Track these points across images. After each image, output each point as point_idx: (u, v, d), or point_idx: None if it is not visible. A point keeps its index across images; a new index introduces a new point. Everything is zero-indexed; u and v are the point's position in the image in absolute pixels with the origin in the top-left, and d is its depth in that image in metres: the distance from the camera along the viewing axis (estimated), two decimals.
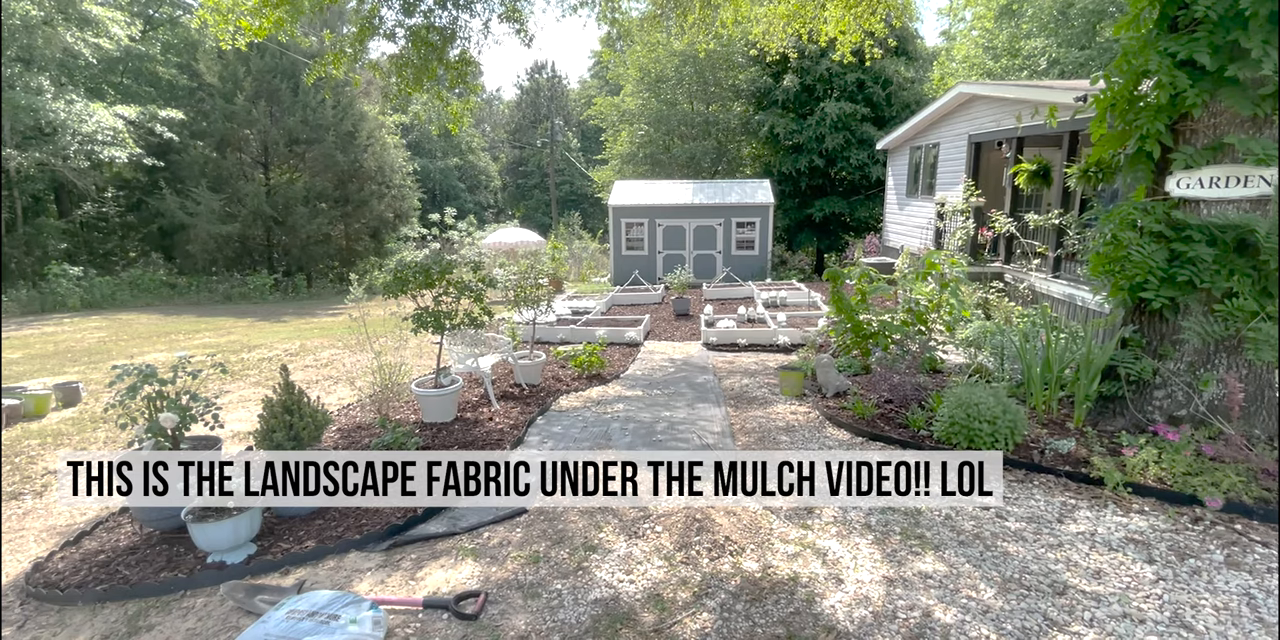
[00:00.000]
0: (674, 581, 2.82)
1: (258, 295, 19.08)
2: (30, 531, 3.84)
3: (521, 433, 4.99)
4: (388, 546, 3.23)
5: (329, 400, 6.42)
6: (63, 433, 5.80)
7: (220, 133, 20.17)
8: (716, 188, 18.11)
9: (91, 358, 9.27)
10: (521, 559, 3.05)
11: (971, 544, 3.10)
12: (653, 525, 3.33)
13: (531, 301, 6.74)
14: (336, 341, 9.85)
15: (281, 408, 3.55)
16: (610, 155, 27.13)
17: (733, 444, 4.61)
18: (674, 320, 11.08)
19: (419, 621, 2.59)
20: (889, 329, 6.30)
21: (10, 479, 4.70)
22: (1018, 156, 9.70)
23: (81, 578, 3.06)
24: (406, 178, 25.08)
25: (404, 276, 5.22)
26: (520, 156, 45.85)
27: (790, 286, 13.88)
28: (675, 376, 6.96)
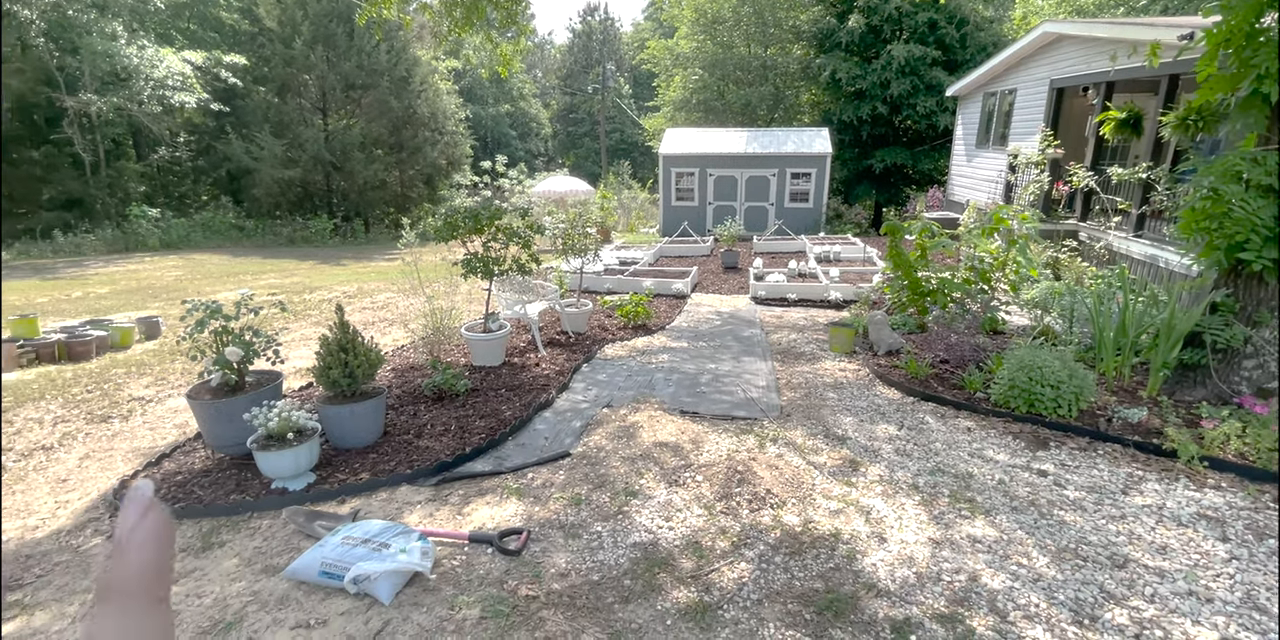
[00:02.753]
0: (713, 530, 2.84)
1: (319, 239, 19.72)
2: (118, 452, 4.17)
3: (567, 379, 5.05)
4: (436, 482, 3.36)
5: (384, 341, 6.64)
6: (145, 363, 6.21)
7: (280, 78, 20.41)
8: (771, 136, 17.33)
9: (170, 294, 9.83)
10: (564, 500, 3.13)
11: (1025, 511, 2.99)
12: (694, 475, 3.34)
13: (579, 250, 6.70)
14: (392, 285, 10.12)
15: (337, 346, 3.67)
16: (662, 102, 26.23)
17: (777, 398, 4.54)
18: (722, 273, 10.89)
19: (464, 554, 2.70)
20: (949, 287, 5.99)
21: (100, 403, 5.09)
22: (1105, 103, 8.83)
23: (161, 496, 3.31)
24: (459, 124, 24.98)
25: (454, 222, 5.23)
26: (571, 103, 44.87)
27: (845, 241, 13.36)
28: (721, 329, 6.87)
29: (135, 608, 0.29)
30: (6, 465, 4.04)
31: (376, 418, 3.85)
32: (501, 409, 4.34)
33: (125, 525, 0.30)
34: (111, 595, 0.29)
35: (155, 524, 0.30)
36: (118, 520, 0.30)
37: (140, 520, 0.30)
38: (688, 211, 16.97)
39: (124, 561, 0.29)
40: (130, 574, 0.29)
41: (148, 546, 0.29)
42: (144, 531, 0.30)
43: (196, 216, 20.02)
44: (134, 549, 0.29)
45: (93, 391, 5.37)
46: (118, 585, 0.29)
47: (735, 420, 4.15)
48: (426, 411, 4.34)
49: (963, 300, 6.01)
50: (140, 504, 0.30)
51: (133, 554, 0.29)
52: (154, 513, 0.30)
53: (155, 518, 0.30)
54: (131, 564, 0.29)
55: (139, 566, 0.29)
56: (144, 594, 0.29)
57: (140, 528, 0.30)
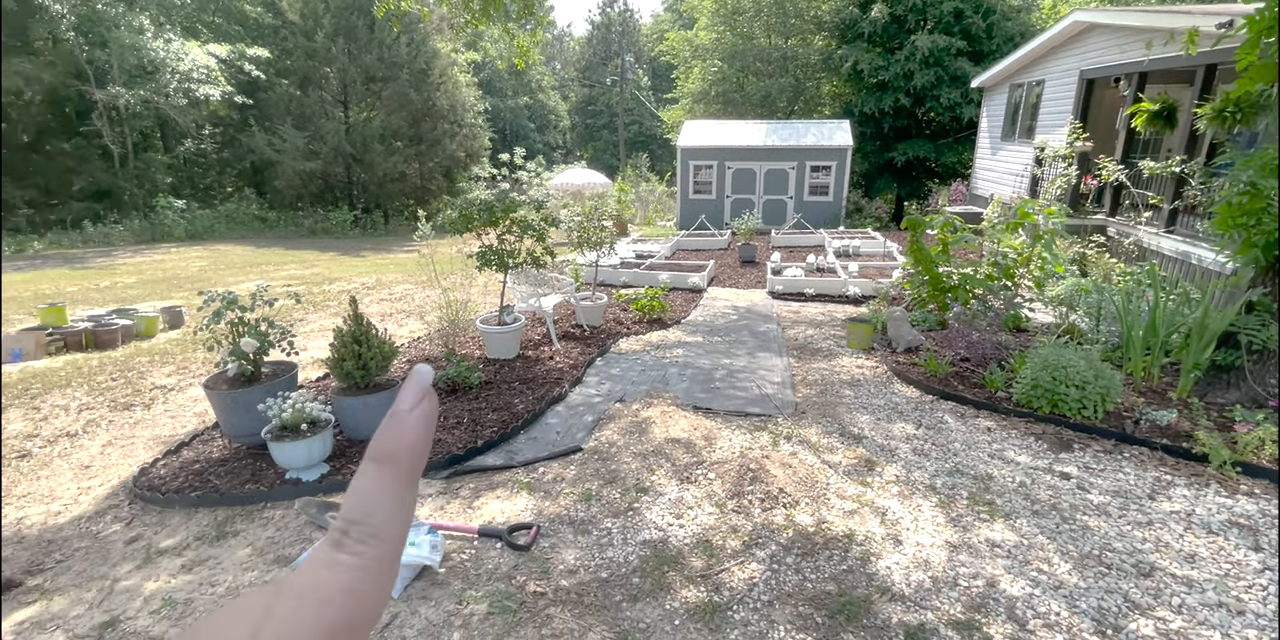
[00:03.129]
0: (724, 529, 2.80)
1: (339, 230, 19.93)
2: (139, 439, 4.24)
3: (580, 373, 5.03)
4: (448, 475, 3.37)
5: (400, 333, 6.68)
6: (168, 352, 6.32)
7: (302, 70, 20.58)
8: (791, 129, 17.11)
9: (194, 284, 10.00)
10: (574, 496, 3.11)
11: (1047, 515, 2.90)
12: (706, 472, 3.30)
13: (594, 243, 6.66)
14: (410, 277, 10.19)
15: (351, 338, 3.68)
16: (681, 94, 26.00)
17: (792, 395, 4.48)
18: (739, 267, 10.80)
19: (474, 548, 2.70)
20: (971, 283, 5.86)
21: (124, 391, 5.18)
22: (1138, 94, 8.54)
23: (179, 484, 3.36)
24: (478, 117, 25.01)
25: (469, 215, 5.22)
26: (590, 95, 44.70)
27: (865, 235, 13.18)
28: (737, 324, 6.80)
29: (398, 477, 0.32)
30: (32, 451, 4.13)
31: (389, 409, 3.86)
32: (514, 402, 4.34)
33: (405, 403, 0.33)
34: (385, 460, 0.32)
35: (428, 409, 0.33)
36: (398, 396, 0.33)
37: (417, 402, 0.33)
38: (705, 205, 16.85)
39: (398, 434, 0.32)
40: (402, 444, 0.32)
41: (418, 427, 0.33)
42: (420, 414, 0.33)
43: (221, 208, 20.33)
44: (411, 427, 0.32)
45: (117, 380, 5.47)
46: (393, 453, 0.32)
47: (749, 417, 4.10)
48: (440, 404, 4.35)
49: (985, 297, 5.87)
50: (420, 387, 0.33)
51: (409, 432, 0.32)
52: (429, 399, 0.33)
53: (429, 404, 0.33)
54: (407, 440, 0.32)
55: (412, 444, 0.32)
56: (409, 468, 0.33)
57: (418, 409, 0.33)
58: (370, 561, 0.31)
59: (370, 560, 0.31)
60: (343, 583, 0.30)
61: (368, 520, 0.32)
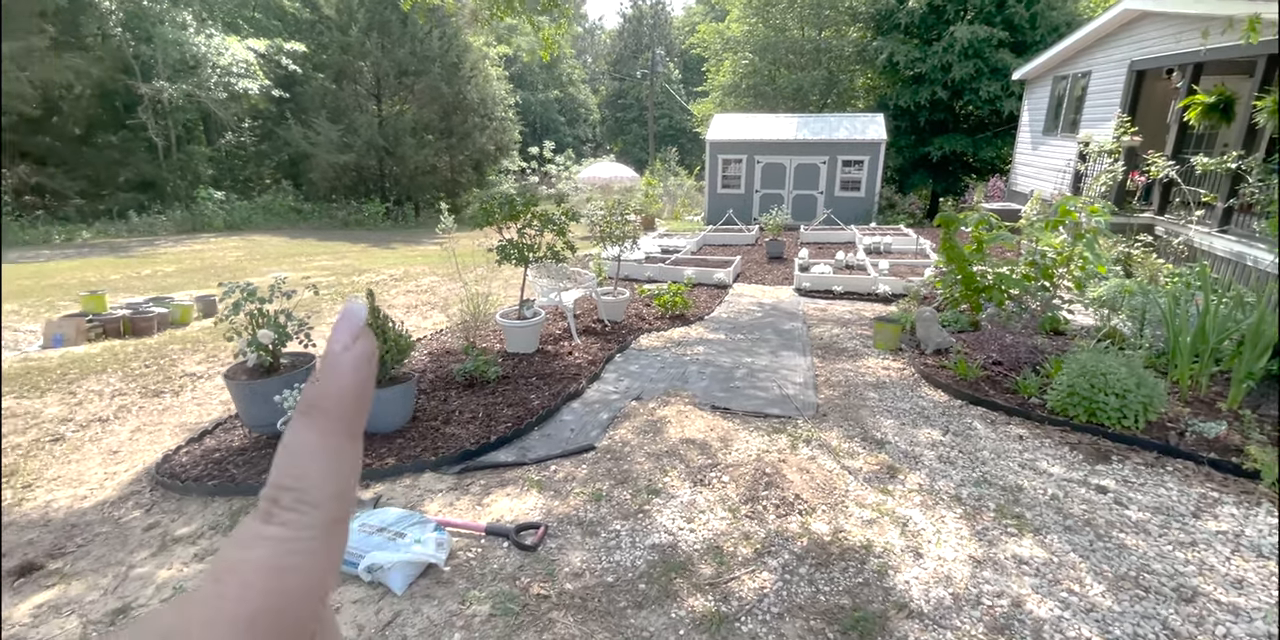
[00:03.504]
0: (736, 535, 2.72)
1: (371, 222, 20.25)
2: (166, 426, 4.33)
3: (599, 369, 4.98)
4: (459, 470, 3.34)
5: (425, 325, 6.72)
6: (200, 340, 6.46)
7: (338, 64, 20.91)
8: (823, 122, 16.77)
9: (230, 274, 10.24)
10: (584, 496, 3.05)
11: (1080, 531, 2.74)
12: (720, 475, 3.22)
13: (617, 238, 6.59)
14: (436, 269, 10.27)
15: None
16: (711, 87, 25.71)
17: (814, 396, 4.35)
18: (766, 263, 10.63)
19: (480, 547, 2.67)
20: (1006, 282, 5.62)
21: (155, 378, 5.31)
22: (1192, 86, 8.10)
23: (198, 472, 3.41)
24: (508, 110, 25.11)
25: (490, 208, 5.20)
26: (620, 89, 44.53)
27: (897, 232, 12.85)
28: (762, 321, 6.67)
29: (332, 430, 0.28)
30: (65, 435, 4.24)
31: (405, 403, 3.86)
32: (530, 398, 4.30)
33: (337, 345, 0.29)
34: (314, 412, 0.28)
35: (363, 350, 0.29)
36: (330, 338, 0.29)
37: (350, 342, 0.29)
38: (734, 199, 16.64)
39: (331, 381, 0.28)
40: (334, 394, 0.28)
41: (355, 372, 0.29)
42: (354, 356, 0.29)
43: (258, 199, 20.82)
44: (342, 372, 0.28)
45: (150, 366, 5.61)
46: (321, 402, 0.28)
47: (768, 418, 3.99)
48: (457, 398, 4.35)
49: (1021, 297, 5.64)
50: (353, 327, 0.29)
51: (341, 377, 0.28)
52: (364, 339, 0.29)
53: (364, 344, 0.29)
54: (337, 385, 0.28)
55: (343, 390, 0.28)
56: (343, 418, 0.28)
57: (351, 351, 0.29)
58: (300, 531, 0.27)
59: (300, 530, 0.27)
60: (264, 560, 0.26)
61: (298, 484, 0.27)
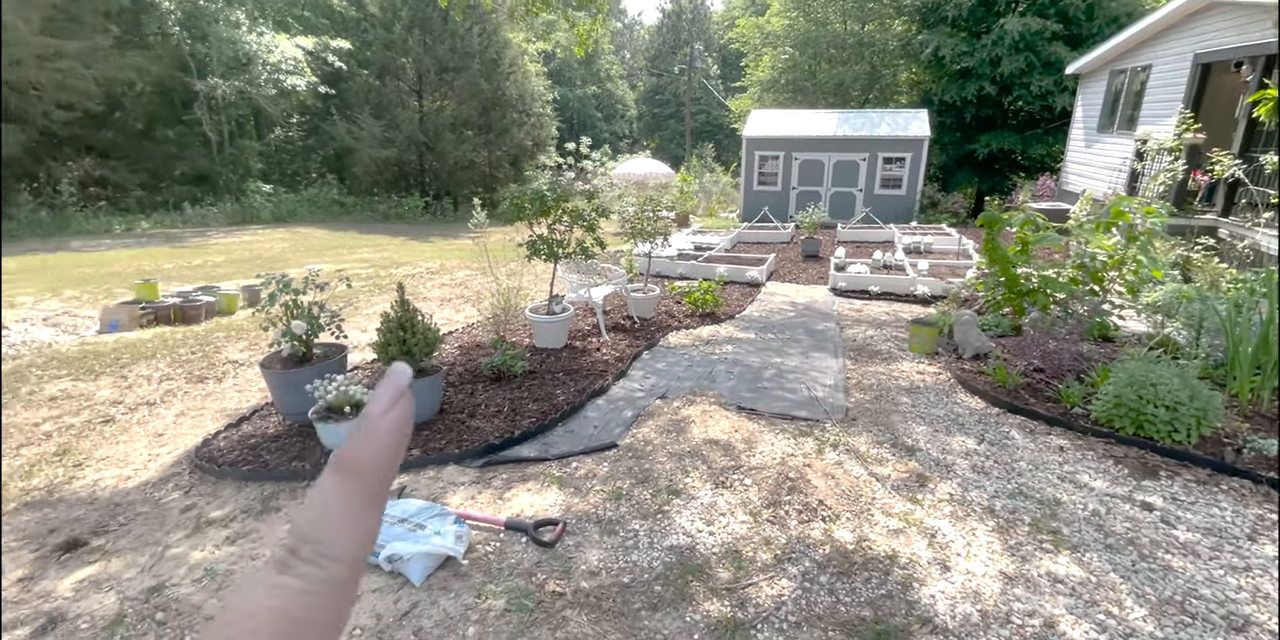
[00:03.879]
0: (756, 540, 2.67)
1: (411, 216, 20.67)
2: (208, 411, 4.49)
3: (626, 366, 4.96)
4: (482, 464, 3.37)
5: (457, 318, 6.81)
6: (244, 328, 6.67)
7: (381, 61, 21.36)
8: (864, 118, 16.39)
9: (275, 265, 10.57)
10: (604, 493, 3.04)
11: (1122, 550, 2.60)
12: (742, 477, 3.16)
13: (648, 234, 6.56)
14: (471, 263, 10.41)
15: (396, 324, 3.74)
16: (749, 82, 25.39)
17: (844, 400, 4.25)
18: (801, 261, 10.46)
19: (499, 541, 2.68)
20: (1052, 286, 5.39)
21: (200, 365, 5.51)
22: (1263, 80, 7.61)
23: (234, 457, 3.52)
24: (546, 106, 25.28)
25: (520, 204, 5.23)
26: (658, 84, 44.38)
27: (939, 231, 12.50)
28: (794, 321, 6.56)
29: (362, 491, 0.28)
30: (115, 417, 4.44)
31: (432, 395, 3.91)
32: (555, 393, 4.32)
33: (377, 407, 0.29)
34: (348, 471, 0.28)
35: (402, 414, 0.30)
36: (371, 398, 0.29)
37: (392, 405, 0.30)
38: (770, 196, 16.43)
39: (367, 445, 0.29)
40: (369, 455, 0.29)
41: (390, 435, 0.29)
42: (394, 418, 0.29)
43: (304, 192, 21.44)
44: (380, 432, 0.29)
45: (196, 353, 5.82)
46: (355, 463, 0.28)
47: (795, 420, 3.91)
48: (483, 391, 4.39)
49: (1067, 302, 5.40)
50: (397, 389, 0.30)
51: (377, 441, 0.29)
52: (405, 401, 0.30)
53: (404, 406, 0.30)
54: (372, 449, 0.29)
55: (379, 450, 0.29)
56: (374, 481, 0.29)
57: (391, 413, 0.29)
58: (317, 586, 0.27)
59: (317, 584, 0.27)
60: (278, 610, 0.26)
61: (321, 538, 0.27)
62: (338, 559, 0.27)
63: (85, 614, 2.36)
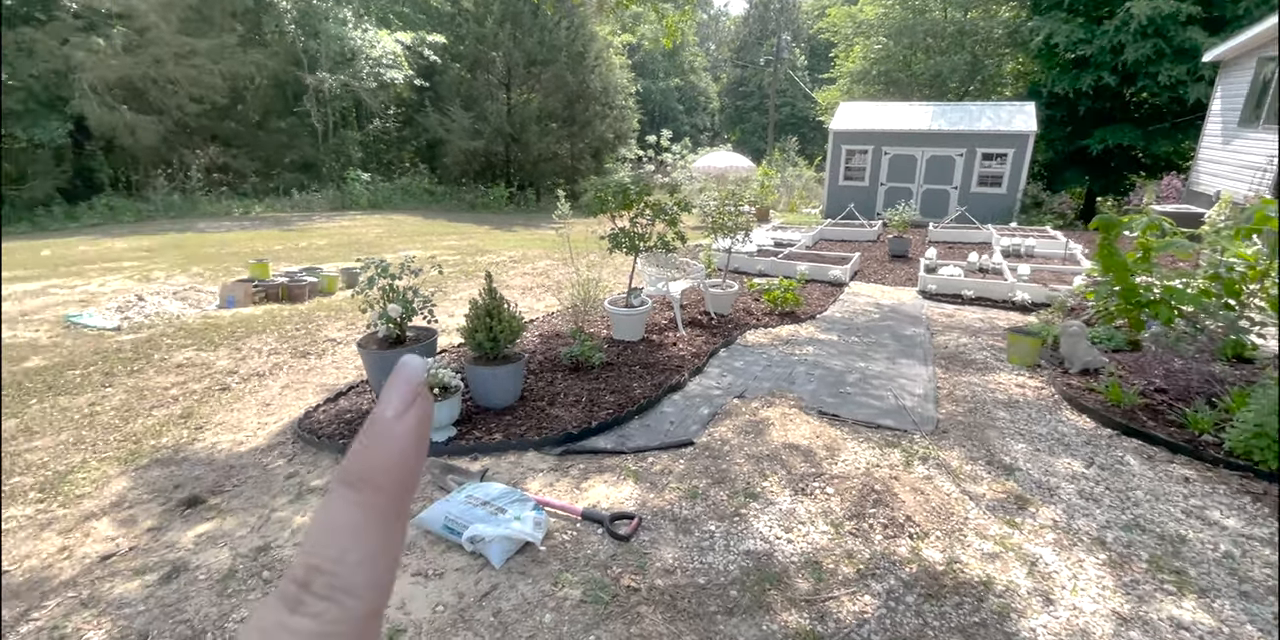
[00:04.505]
0: (838, 552, 2.57)
1: (495, 205, 21.37)
2: (309, 385, 4.80)
3: (702, 362, 4.91)
4: (560, 452, 3.43)
5: (538, 307, 6.97)
6: (341, 309, 7.10)
7: (472, 55, 22.10)
8: (963, 112, 15.46)
9: (371, 249, 11.21)
10: (680, 491, 3.02)
11: (1261, 599, 2.32)
12: (823, 485, 3.06)
13: (729, 229, 6.45)
14: (552, 253, 10.64)
15: (484, 311, 3.85)
16: (839, 73, 24.49)
17: (934, 410, 4.02)
18: (888, 262, 10.03)
19: (575, 530, 2.71)
20: (1178, 298, 4.88)
21: (303, 341, 5.90)
22: None
23: (331, 430, 3.75)
24: (628, 99, 25.41)
25: (604, 197, 5.26)
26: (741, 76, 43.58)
27: (1042, 233, 11.65)
28: (879, 324, 6.29)
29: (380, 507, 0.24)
30: (231, 386, 4.83)
31: (515, 381, 4.02)
32: (632, 386, 4.33)
33: (388, 410, 0.25)
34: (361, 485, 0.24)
35: (421, 413, 0.25)
36: (381, 398, 0.25)
37: (407, 406, 0.25)
38: (856, 192, 15.83)
39: (381, 452, 0.24)
40: (384, 467, 0.24)
41: (409, 439, 0.25)
42: (410, 420, 0.25)
43: (398, 181, 22.59)
44: (396, 438, 0.24)
45: (300, 330, 6.25)
46: (369, 475, 0.24)
47: (880, 429, 3.74)
48: (562, 380, 4.46)
49: (1195, 316, 4.87)
50: (411, 385, 0.25)
51: (392, 447, 0.24)
52: (422, 400, 0.25)
53: (422, 406, 0.25)
54: (388, 457, 0.24)
55: (396, 459, 0.24)
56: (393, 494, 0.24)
57: (407, 415, 0.25)
58: (333, 626, 0.23)
59: (333, 625, 0.23)
60: None
61: (335, 568, 0.23)
62: (356, 593, 0.23)
63: (203, 566, 2.58)
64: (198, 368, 5.14)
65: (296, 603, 0.23)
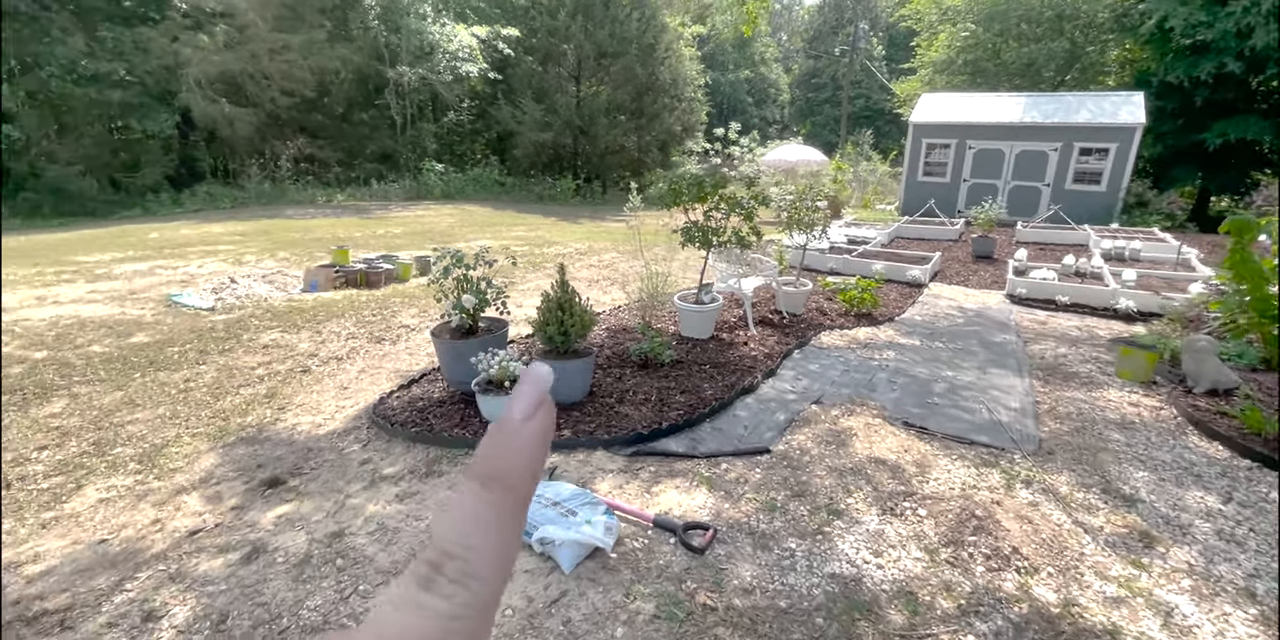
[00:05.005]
0: (935, 583, 2.34)
1: (562, 197, 21.59)
2: (384, 370, 4.90)
3: (776, 364, 4.70)
4: (630, 453, 3.32)
5: (603, 300, 6.91)
6: (415, 296, 7.27)
7: (545, 47, 22.31)
8: (1059, 103, 14.38)
9: (443, 238, 11.49)
10: (757, 503, 2.85)
11: None
12: (914, 506, 2.82)
13: (805, 225, 6.17)
14: (617, 246, 10.59)
15: (556, 304, 3.79)
16: (920, 63, 23.28)
17: (1035, 428, 3.67)
18: (971, 262, 9.46)
19: (647, 538, 2.60)
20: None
21: (379, 327, 6.05)
22: None
23: (404, 418, 3.79)
24: (697, 91, 25.09)
25: (678, 189, 5.10)
26: (814, 67, 42.25)
27: (1149, 236, 10.70)
28: (964, 329, 5.89)
29: (508, 503, 0.26)
30: (311, 368, 4.98)
31: (584, 377, 3.94)
32: (703, 386, 4.18)
33: (518, 413, 0.27)
34: (492, 483, 0.26)
35: (547, 419, 0.28)
36: (511, 401, 0.27)
37: (534, 411, 0.27)
38: (936, 188, 15.04)
39: (511, 453, 0.27)
40: (514, 465, 0.27)
41: (536, 442, 0.27)
42: (537, 425, 0.27)
43: (470, 172, 23.15)
44: (524, 439, 0.27)
45: (376, 316, 6.42)
46: (500, 474, 0.26)
47: (975, 446, 3.44)
48: (631, 377, 4.36)
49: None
50: (537, 393, 0.28)
51: (522, 445, 0.27)
52: (547, 407, 0.28)
53: (547, 412, 0.28)
54: (518, 458, 0.27)
55: (524, 460, 0.27)
56: (521, 493, 0.27)
57: (535, 418, 0.27)
58: (463, 609, 0.25)
59: (463, 608, 0.25)
60: (422, 632, 0.24)
61: (467, 554, 0.26)
62: (483, 579, 0.25)
63: (281, 549, 2.62)
64: (282, 349, 5.34)
65: (428, 582, 0.25)
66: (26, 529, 2.82)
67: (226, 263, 8.87)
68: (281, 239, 11.10)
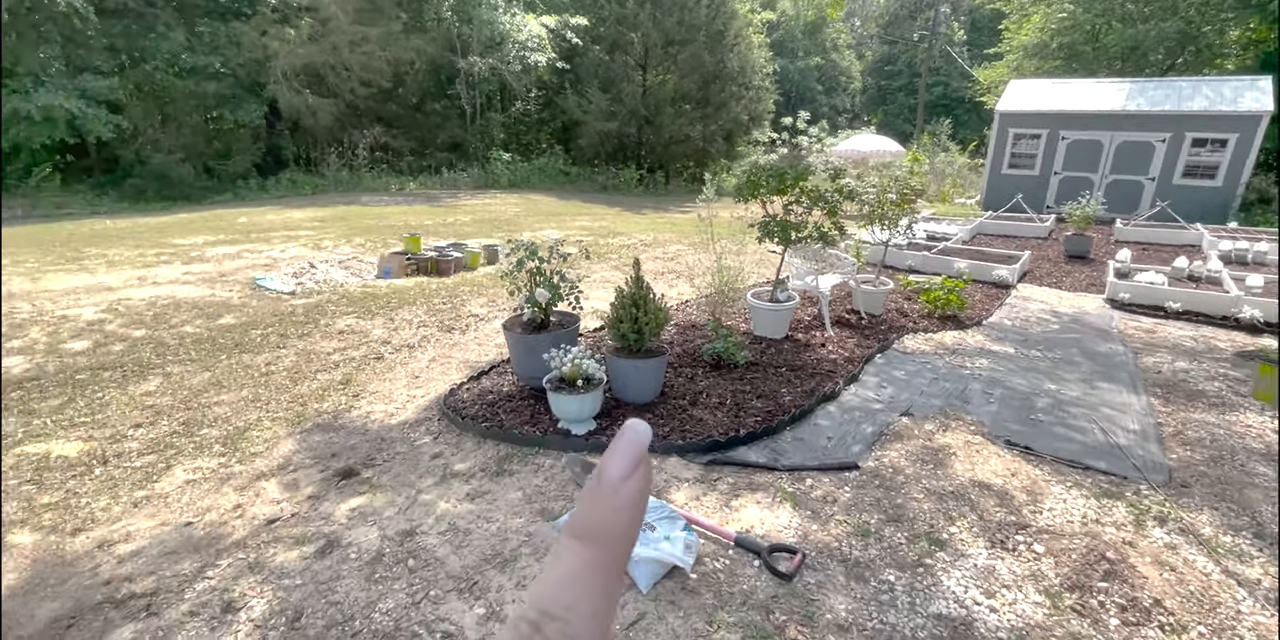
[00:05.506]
0: (1059, 634, 2.07)
1: (626, 187, 21.49)
2: (454, 360, 4.90)
3: (857, 369, 4.42)
4: (706, 462, 3.15)
5: (670, 293, 6.75)
6: (483, 285, 7.30)
7: (612, 36, 22.13)
8: (1168, 89, 13.13)
9: (510, 227, 11.58)
10: (848, 526, 2.63)
11: None
12: (1029, 541, 2.53)
13: (890, 220, 5.80)
14: (683, 238, 10.38)
15: (630, 301, 3.64)
16: (1007, 48, 21.82)
17: (1161, 454, 3.27)
18: (1064, 262, 8.78)
19: (728, 558, 2.43)
20: None
21: (449, 315, 6.08)
22: None
23: (475, 412, 3.74)
24: (766, 79, 24.38)
25: (756, 180, 4.85)
26: (889, 54, 40.36)
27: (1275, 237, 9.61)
28: (1061, 337, 5.41)
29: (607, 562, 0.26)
30: (384, 355, 5.04)
31: (657, 376, 3.79)
32: (780, 391, 3.95)
33: (616, 472, 0.27)
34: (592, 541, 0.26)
35: (645, 477, 0.27)
36: (608, 458, 0.27)
37: (634, 469, 0.27)
38: (1023, 182, 14.08)
39: (611, 511, 0.26)
40: (613, 524, 0.26)
41: (635, 501, 0.26)
42: (636, 480, 0.27)
43: (535, 162, 23.35)
44: (623, 498, 0.26)
45: (446, 304, 6.47)
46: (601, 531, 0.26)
47: (1091, 472, 3.09)
48: (703, 378, 4.18)
49: None
50: (635, 452, 0.27)
51: (622, 503, 0.26)
52: (645, 465, 0.27)
53: (646, 470, 0.27)
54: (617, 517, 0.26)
55: (623, 520, 0.26)
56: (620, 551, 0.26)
57: (634, 476, 0.27)
58: None
59: None
60: None
61: (568, 616, 0.25)
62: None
63: (354, 544, 2.60)
64: (356, 335, 5.43)
65: None
66: (120, 507, 2.91)
67: (306, 248, 9.19)
68: (357, 225, 11.44)
